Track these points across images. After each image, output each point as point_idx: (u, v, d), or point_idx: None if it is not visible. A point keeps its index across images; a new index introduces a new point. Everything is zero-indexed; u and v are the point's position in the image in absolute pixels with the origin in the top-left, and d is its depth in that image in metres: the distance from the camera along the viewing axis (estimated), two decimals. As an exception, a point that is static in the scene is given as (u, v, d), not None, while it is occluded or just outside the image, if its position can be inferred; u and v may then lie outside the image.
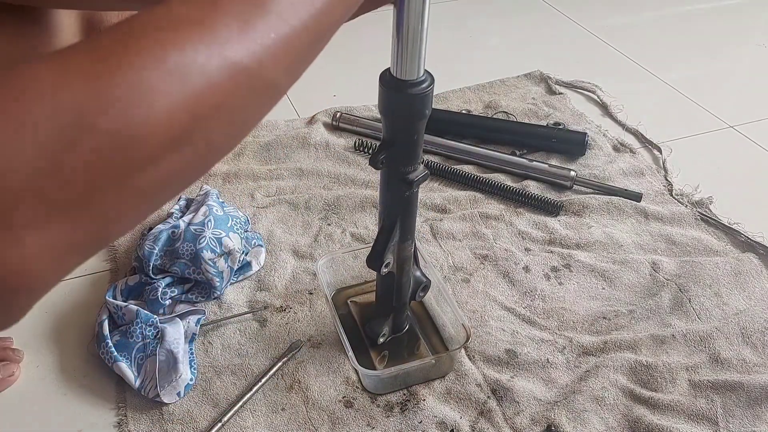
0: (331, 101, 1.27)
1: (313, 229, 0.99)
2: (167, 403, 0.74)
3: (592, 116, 1.28)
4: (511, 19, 1.69)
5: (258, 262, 0.91)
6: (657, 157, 1.17)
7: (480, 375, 0.78)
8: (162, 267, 0.84)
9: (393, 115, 0.61)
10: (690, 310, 0.87)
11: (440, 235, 0.98)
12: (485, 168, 1.12)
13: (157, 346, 0.76)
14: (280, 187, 1.06)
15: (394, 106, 0.60)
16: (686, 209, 1.04)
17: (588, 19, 1.67)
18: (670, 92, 1.38)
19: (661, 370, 0.78)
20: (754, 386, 0.76)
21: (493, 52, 1.53)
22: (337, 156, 1.14)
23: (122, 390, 0.76)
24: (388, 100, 0.60)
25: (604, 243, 0.97)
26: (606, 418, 0.74)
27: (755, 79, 1.45)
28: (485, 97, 1.32)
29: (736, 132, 1.26)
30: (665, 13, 1.73)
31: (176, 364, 0.75)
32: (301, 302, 0.87)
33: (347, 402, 0.76)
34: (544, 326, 0.85)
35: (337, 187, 1.07)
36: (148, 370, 0.75)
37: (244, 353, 0.80)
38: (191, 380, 0.75)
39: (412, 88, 0.58)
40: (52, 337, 0.82)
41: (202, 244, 0.83)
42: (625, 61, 1.50)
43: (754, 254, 0.95)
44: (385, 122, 0.62)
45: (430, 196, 1.05)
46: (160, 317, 0.79)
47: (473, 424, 0.74)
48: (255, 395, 0.75)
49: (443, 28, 1.62)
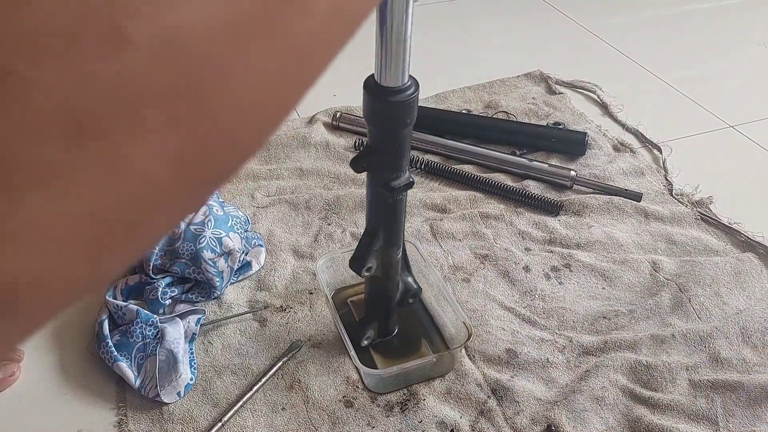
0: (331, 101, 1.27)
1: (313, 228, 0.99)
2: (167, 402, 0.74)
3: (592, 116, 1.28)
4: (511, 19, 1.69)
5: (258, 261, 0.91)
6: (657, 156, 1.17)
7: (480, 374, 0.78)
8: (162, 266, 0.84)
9: (375, 122, 0.60)
10: (690, 309, 0.87)
11: (440, 234, 0.98)
12: (485, 168, 1.12)
13: (157, 346, 0.76)
14: (280, 186, 1.06)
15: (376, 113, 0.58)
16: (686, 209, 1.04)
17: (588, 18, 1.67)
18: (670, 92, 1.38)
19: (661, 369, 0.78)
20: (754, 386, 0.76)
21: (493, 52, 1.53)
22: (337, 156, 1.14)
23: (122, 389, 0.76)
24: (371, 106, 0.58)
25: (604, 243, 0.97)
26: (606, 418, 0.74)
27: (755, 79, 1.45)
28: (485, 97, 1.32)
29: (736, 132, 1.26)
30: (665, 12, 1.72)
31: (176, 364, 0.75)
32: (301, 302, 0.87)
33: (347, 402, 0.76)
34: (544, 326, 0.85)
35: (337, 187, 1.07)
36: (148, 369, 0.75)
37: (244, 353, 0.80)
38: (191, 380, 0.75)
39: (395, 95, 0.56)
40: (52, 337, 0.82)
41: (202, 243, 0.83)
42: (625, 61, 1.50)
43: (754, 254, 0.95)
44: (368, 128, 0.61)
45: (430, 196, 1.05)
46: (160, 317, 0.79)
47: (473, 424, 0.74)
48: (255, 395, 0.75)
49: (443, 28, 1.62)
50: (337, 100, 1.27)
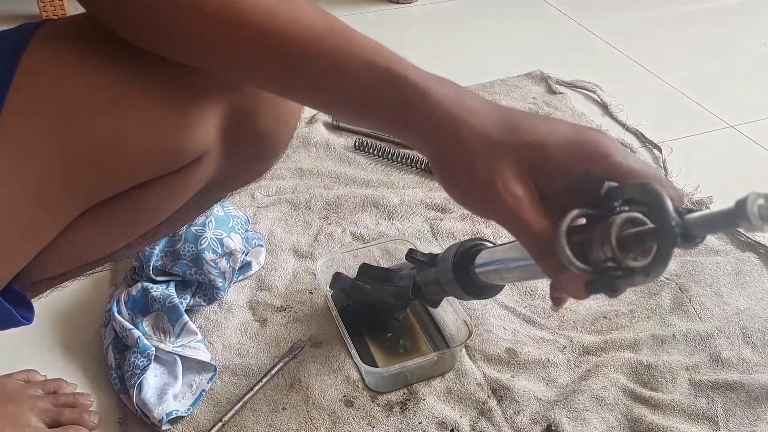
0: (332, 101, 1.27)
1: (313, 228, 0.99)
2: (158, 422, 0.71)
3: (592, 116, 1.28)
4: (511, 19, 1.69)
5: (258, 261, 0.91)
6: (657, 156, 1.17)
7: (480, 374, 0.79)
8: (163, 268, 0.84)
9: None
10: (690, 309, 0.87)
11: (440, 234, 0.98)
12: (485, 168, 1.12)
13: (143, 379, 0.73)
14: (280, 186, 1.06)
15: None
16: (686, 209, 1.04)
17: (588, 18, 1.67)
18: (670, 92, 1.39)
19: (661, 369, 0.78)
20: (754, 386, 0.76)
21: (493, 52, 1.53)
22: (338, 155, 1.14)
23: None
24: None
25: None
26: (606, 418, 0.74)
27: (755, 79, 1.45)
28: (485, 96, 1.32)
29: (736, 132, 1.26)
30: (665, 12, 1.73)
31: (161, 397, 0.72)
32: (301, 302, 0.87)
33: (348, 401, 0.76)
34: (544, 326, 0.85)
35: (337, 187, 1.07)
36: (127, 400, 0.73)
37: (244, 353, 0.80)
38: (176, 411, 0.72)
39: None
40: (53, 337, 0.82)
41: (203, 245, 0.83)
42: (625, 61, 1.50)
43: (754, 254, 0.95)
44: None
45: (430, 196, 1.05)
46: (161, 350, 0.76)
47: (473, 424, 0.74)
48: (255, 395, 0.75)
49: (443, 28, 1.62)
50: (338, 100, 1.27)
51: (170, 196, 0.52)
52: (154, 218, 0.54)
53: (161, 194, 0.50)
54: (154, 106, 0.44)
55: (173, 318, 0.79)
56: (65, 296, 0.87)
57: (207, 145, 0.48)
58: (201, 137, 0.47)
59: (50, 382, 0.74)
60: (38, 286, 0.55)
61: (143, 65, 0.43)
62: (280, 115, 0.54)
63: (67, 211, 0.45)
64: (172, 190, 0.51)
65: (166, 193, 0.51)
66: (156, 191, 0.49)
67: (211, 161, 0.51)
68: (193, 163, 0.49)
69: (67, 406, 0.71)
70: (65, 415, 0.69)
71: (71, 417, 0.70)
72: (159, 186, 0.49)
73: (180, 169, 0.48)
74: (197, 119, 0.46)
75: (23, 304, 0.49)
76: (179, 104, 0.45)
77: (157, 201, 0.51)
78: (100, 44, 0.42)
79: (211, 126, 0.48)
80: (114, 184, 0.46)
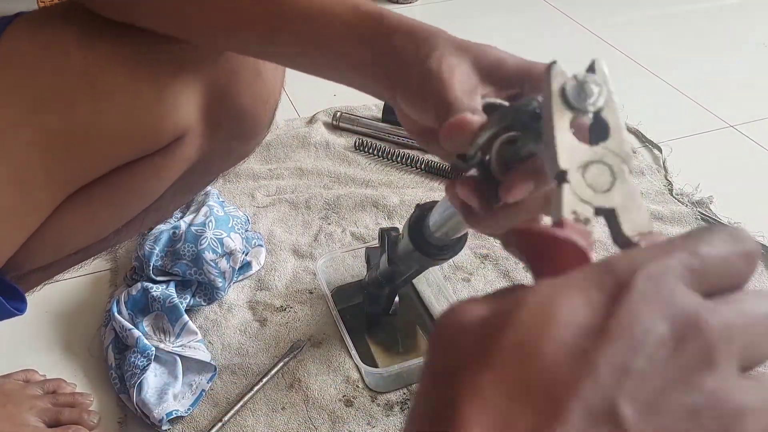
0: (331, 100, 1.27)
1: (313, 228, 0.99)
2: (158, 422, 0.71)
3: (592, 116, 1.28)
4: (511, 18, 1.69)
5: (258, 261, 0.91)
6: (657, 156, 1.17)
7: (480, 374, 0.78)
8: (163, 268, 0.83)
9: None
10: (690, 309, 0.87)
11: (440, 234, 0.98)
12: (485, 167, 1.12)
13: (143, 379, 0.73)
14: (280, 186, 1.06)
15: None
16: (686, 209, 1.04)
17: (588, 18, 1.67)
18: (670, 92, 1.38)
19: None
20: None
21: (493, 51, 1.52)
22: (338, 155, 1.14)
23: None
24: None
25: (605, 242, 0.97)
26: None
27: (755, 79, 1.45)
28: (485, 96, 1.32)
29: (736, 132, 1.26)
30: (665, 12, 1.73)
31: (161, 397, 0.72)
32: (301, 302, 0.87)
33: (347, 401, 0.76)
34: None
35: (337, 187, 1.07)
36: (127, 400, 0.73)
37: (244, 353, 0.80)
38: (176, 411, 0.72)
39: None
40: (52, 337, 0.82)
41: (203, 244, 0.82)
42: (625, 60, 1.50)
43: (754, 254, 0.95)
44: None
45: (430, 196, 1.05)
46: (161, 350, 0.76)
47: (473, 424, 0.74)
48: (255, 394, 0.75)
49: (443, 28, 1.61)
50: (337, 100, 1.27)
51: (154, 177, 0.52)
52: (140, 202, 0.55)
53: (145, 176, 0.51)
54: (131, 86, 0.45)
55: (173, 318, 0.79)
56: (65, 296, 0.87)
57: (186, 123, 0.49)
58: (179, 115, 0.48)
59: (50, 381, 0.74)
60: (30, 277, 0.55)
61: (119, 48, 0.44)
62: (259, 92, 0.54)
63: (50, 196, 0.45)
64: (156, 170, 0.52)
65: (150, 175, 0.52)
66: (140, 173, 0.50)
67: (193, 141, 0.52)
68: (175, 143, 0.50)
69: (66, 406, 0.71)
70: (65, 415, 0.69)
71: (71, 417, 0.70)
72: (142, 167, 0.50)
73: (162, 149, 0.49)
74: (174, 97, 0.47)
75: (15, 295, 0.49)
76: (155, 83, 0.46)
77: (142, 183, 0.52)
78: (75, 29, 0.43)
79: (189, 104, 0.49)
80: (95, 165, 0.47)
